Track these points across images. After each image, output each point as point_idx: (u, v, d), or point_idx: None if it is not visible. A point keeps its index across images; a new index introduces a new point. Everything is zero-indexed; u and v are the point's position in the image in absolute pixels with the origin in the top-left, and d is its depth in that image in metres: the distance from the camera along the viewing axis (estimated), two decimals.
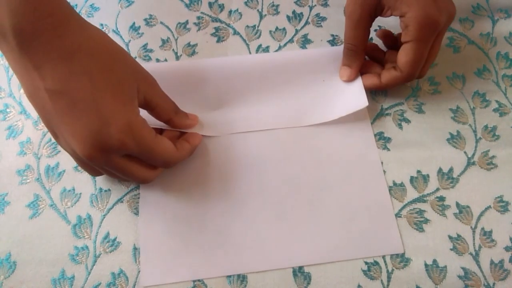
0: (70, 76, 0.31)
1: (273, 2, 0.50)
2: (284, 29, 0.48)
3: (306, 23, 0.49)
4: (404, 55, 0.39)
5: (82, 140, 0.31)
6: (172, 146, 0.37)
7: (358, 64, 0.43)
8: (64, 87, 0.31)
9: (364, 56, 0.43)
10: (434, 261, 0.37)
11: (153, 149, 0.34)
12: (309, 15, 0.49)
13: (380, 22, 0.46)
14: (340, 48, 0.44)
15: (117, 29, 0.48)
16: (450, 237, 0.38)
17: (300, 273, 0.37)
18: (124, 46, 0.47)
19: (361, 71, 0.43)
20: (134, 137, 0.33)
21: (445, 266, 0.37)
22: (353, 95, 0.42)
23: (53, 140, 0.42)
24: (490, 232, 0.38)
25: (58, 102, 0.31)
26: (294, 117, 0.43)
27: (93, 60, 0.32)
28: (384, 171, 0.40)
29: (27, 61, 0.30)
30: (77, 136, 0.31)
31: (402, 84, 0.42)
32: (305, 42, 0.47)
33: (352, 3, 0.40)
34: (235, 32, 0.48)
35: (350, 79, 0.43)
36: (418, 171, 0.41)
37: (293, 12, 0.50)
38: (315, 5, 0.50)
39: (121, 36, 0.48)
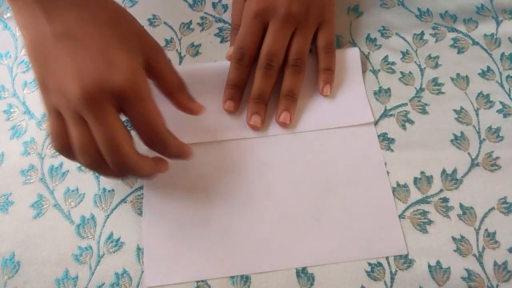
0: (79, 21, 0.32)
1: None
2: None
3: None
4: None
5: (83, 77, 0.31)
6: (161, 117, 0.34)
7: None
8: (72, 31, 0.32)
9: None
10: (438, 262, 0.37)
11: (147, 103, 0.33)
12: None
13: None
14: (346, 51, 0.44)
15: None
16: (453, 239, 0.38)
17: (303, 274, 0.37)
18: None
19: None
20: (135, 85, 0.32)
21: (449, 268, 0.37)
22: (358, 107, 0.43)
23: None
24: (494, 233, 0.38)
25: (64, 44, 0.32)
26: (300, 122, 0.43)
27: (102, 12, 0.33)
28: (388, 172, 0.40)
29: (38, 8, 0.32)
30: (78, 73, 0.31)
31: (240, 67, 0.42)
32: None
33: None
34: None
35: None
36: (422, 172, 0.40)
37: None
38: None
39: None
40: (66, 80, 0.31)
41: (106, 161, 0.33)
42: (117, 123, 0.32)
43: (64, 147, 0.34)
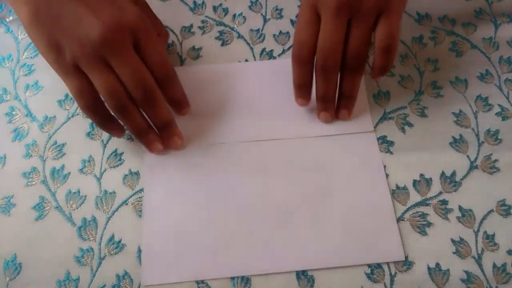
0: None
1: (277, 6, 0.51)
2: (287, 33, 0.49)
3: None
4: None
5: (102, 20, 0.33)
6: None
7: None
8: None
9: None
10: (437, 264, 0.37)
11: (157, 40, 0.37)
12: None
13: None
14: None
15: None
16: (453, 241, 0.38)
17: (303, 276, 0.37)
18: None
19: None
20: (146, 22, 0.36)
21: (448, 270, 0.37)
22: (359, 116, 0.43)
23: (58, 142, 0.43)
24: (493, 235, 0.38)
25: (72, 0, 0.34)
26: (301, 128, 0.43)
27: None
28: (387, 175, 0.41)
29: None
30: (95, 17, 0.33)
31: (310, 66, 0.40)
32: None
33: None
34: (239, 36, 0.49)
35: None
36: (421, 175, 0.41)
37: (297, 16, 0.50)
38: None
39: None
40: (85, 28, 0.33)
41: (135, 100, 0.36)
42: (139, 59, 0.35)
43: (91, 102, 0.36)
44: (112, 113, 0.38)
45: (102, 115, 0.38)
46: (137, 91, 0.36)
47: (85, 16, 0.33)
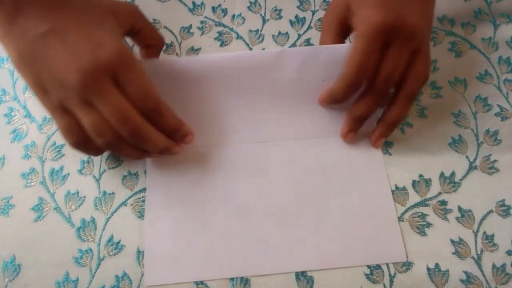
0: (60, 17, 0.34)
1: (276, 6, 0.50)
2: (287, 33, 0.49)
3: (309, 27, 0.49)
4: (347, 53, 0.37)
5: (79, 63, 0.33)
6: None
7: None
8: (55, 25, 0.34)
9: None
10: (436, 265, 0.37)
11: (138, 72, 0.35)
12: (312, 19, 0.50)
13: None
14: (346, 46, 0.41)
15: None
16: (452, 241, 0.38)
17: (303, 276, 0.37)
18: None
19: None
20: (123, 56, 0.34)
21: (447, 270, 0.37)
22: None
23: (57, 143, 0.43)
24: (492, 236, 0.38)
25: (53, 39, 0.33)
26: (304, 130, 0.42)
27: (73, 8, 0.35)
28: (387, 175, 0.41)
29: (20, 16, 0.34)
30: (74, 61, 0.33)
31: (351, 89, 0.38)
32: (307, 46, 0.48)
33: (325, 13, 0.42)
34: (238, 36, 0.49)
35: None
36: (420, 175, 0.41)
37: (296, 16, 0.50)
38: (318, 10, 0.50)
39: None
40: (64, 71, 0.33)
41: (123, 135, 0.35)
42: (121, 96, 0.34)
43: (80, 139, 0.36)
44: None
45: (93, 149, 0.37)
46: (123, 130, 0.35)
47: (63, 59, 0.33)
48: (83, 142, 0.36)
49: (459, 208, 0.39)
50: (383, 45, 0.36)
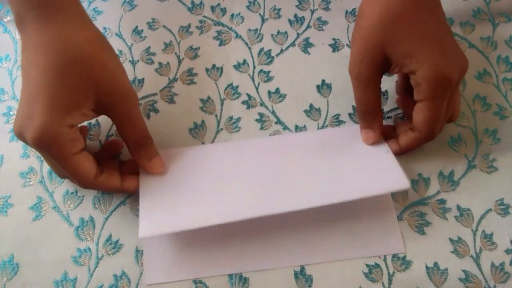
0: (30, 64, 0.33)
1: (275, 6, 0.51)
2: (285, 32, 0.49)
3: (308, 26, 0.49)
4: (419, 114, 0.37)
5: (16, 124, 0.34)
6: (93, 171, 0.35)
7: (378, 124, 0.40)
8: (25, 70, 0.34)
9: (382, 114, 0.40)
10: (435, 263, 0.37)
11: (64, 164, 0.34)
12: (311, 18, 0.50)
13: None
14: (356, 128, 0.42)
15: (120, 32, 0.49)
16: (451, 240, 0.38)
17: (301, 275, 0.37)
18: (127, 50, 0.47)
19: None
20: (48, 145, 0.32)
21: (446, 269, 0.37)
22: (389, 172, 0.39)
23: None
24: (491, 235, 0.38)
25: (22, 76, 0.34)
26: (324, 194, 0.38)
27: (58, 55, 0.33)
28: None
29: (21, 30, 0.34)
30: (15, 122, 0.34)
31: (423, 144, 0.40)
32: (306, 45, 0.48)
33: (357, 64, 0.37)
34: (237, 36, 0.49)
35: (375, 141, 0.40)
36: (419, 174, 0.41)
37: (295, 15, 0.50)
38: (317, 9, 0.50)
39: (124, 40, 0.48)
40: (15, 121, 0.34)
41: None
42: (64, 157, 0.33)
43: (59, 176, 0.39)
44: None
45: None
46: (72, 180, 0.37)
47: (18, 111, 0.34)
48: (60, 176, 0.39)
49: (458, 207, 0.39)
50: None
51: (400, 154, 0.40)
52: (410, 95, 0.41)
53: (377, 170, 0.39)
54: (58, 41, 0.33)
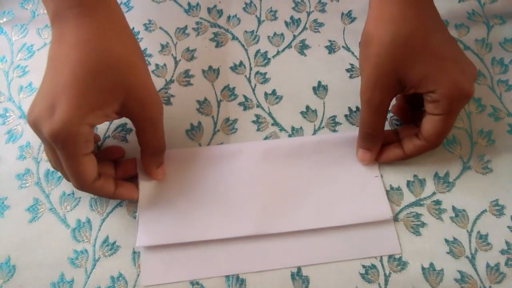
0: (61, 52, 0.33)
1: (271, 7, 0.51)
2: (282, 34, 0.49)
3: (304, 28, 0.49)
4: (432, 127, 0.37)
5: (32, 113, 0.33)
6: (94, 175, 0.35)
7: (378, 146, 0.40)
8: (53, 57, 0.34)
9: (383, 137, 0.40)
10: (431, 264, 0.37)
11: (71, 163, 0.34)
12: (307, 20, 0.50)
13: None
14: (352, 134, 0.42)
15: None
16: (446, 241, 0.38)
17: (298, 276, 0.37)
18: None
19: None
20: (64, 141, 0.32)
21: (442, 269, 0.37)
22: (375, 201, 0.40)
23: None
24: (486, 235, 0.38)
25: (47, 66, 0.34)
26: (311, 218, 0.39)
27: (92, 55, 0.33)
28: (382, 175, 0.41)
29: (58, 20, 0.34)
30: (32, 107, 0.34)
31: (426, 152, 0.40)
32: (302, 47, 0.48)
33: (370, 89, 0.37)
34: (234, 37, 0.49)
35: (370, 163, 0.41)
36: (415, 176, 0.41)
37: (291, 17, 0.50)
38: (313, 11, 0.50)
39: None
40: (32, 109, 0.34)
41: None
42: (74, 156, 0.33)
43: (53, 165, 0.38)
44: None
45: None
46: (71, 181, 0.36)
47: (36, 98, 0.34)
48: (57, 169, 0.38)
49: (453, 208, 0.39)
50: None
51: (404, 159, 0.41)
52: (406, 102, 0.42)
53: (363, 196, 0.40)
54: (97, 41, 0.33)
